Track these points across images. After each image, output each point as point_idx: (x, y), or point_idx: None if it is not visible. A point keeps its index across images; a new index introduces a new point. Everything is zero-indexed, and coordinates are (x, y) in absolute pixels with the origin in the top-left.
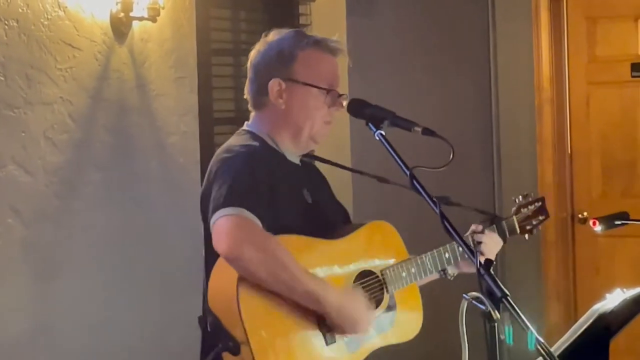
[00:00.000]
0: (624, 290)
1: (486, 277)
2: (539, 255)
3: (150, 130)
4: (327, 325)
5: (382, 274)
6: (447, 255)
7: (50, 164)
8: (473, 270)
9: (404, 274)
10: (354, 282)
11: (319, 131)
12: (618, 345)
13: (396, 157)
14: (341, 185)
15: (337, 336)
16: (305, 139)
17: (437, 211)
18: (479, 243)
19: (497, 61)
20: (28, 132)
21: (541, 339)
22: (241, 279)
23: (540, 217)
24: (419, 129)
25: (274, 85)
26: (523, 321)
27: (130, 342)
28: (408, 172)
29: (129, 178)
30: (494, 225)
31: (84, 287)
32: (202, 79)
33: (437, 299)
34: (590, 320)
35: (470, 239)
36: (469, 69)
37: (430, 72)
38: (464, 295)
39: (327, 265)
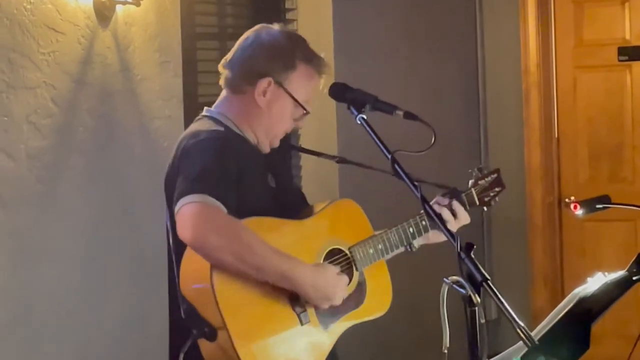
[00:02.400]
0: (606, 273)
1: (467, 260)
2: (526, 239)
3: (134, 114)
4: (300, 304)
5: (350, 252)
6: (411, 230)
7: (33, 149)
8: (440, 239)
9: (371, 251)
10: (324, 260)
11: (278, 137)
12: (606, 329)
13: (377, 141)
14: (327, 173)
15: (311, 315)
16: (267, 140)
17: (418, 195)
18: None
19: (484, 45)
20: (11, 116)
21: (521, 323)
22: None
23: (497, 189)
24: (401, 113)
25: (264, 82)
26: (503, 305)
27: (110, 327)
28: (389, 156)
29: (113, 163)
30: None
31: (66, 272)
32: (187, 63)
33: (419, 284)
34: (571, 305)
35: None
36: (456, 53)
37: (417, 56)
38: (445, 279)
39: (295, 245)
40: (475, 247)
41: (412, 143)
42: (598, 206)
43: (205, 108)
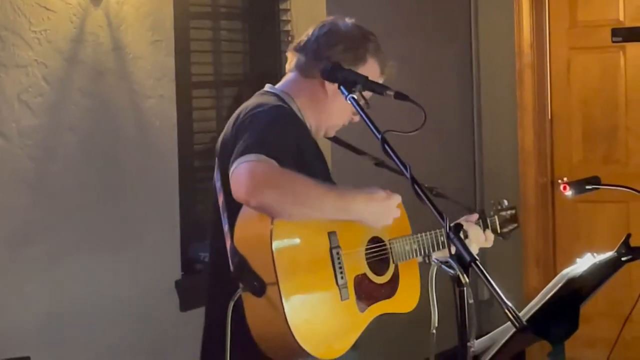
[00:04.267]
0: (595, 254)
1: (455, 241)
2: (519, 221)
3: (126, 93)
4: (342, 277)
5: (390, 244)
6: (441, 238)
7: (25, 127)
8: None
9: (407, 248)
10: (366, 245)
11: (334, 128)
12: (597, 309)
13: (368, 121)
14: None
15: (350, 294)
16: (323, 129)
17: (407, 175)
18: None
19: (478, 25)
20: (2, 95)
21: (509, 303)
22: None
23: (514, 224)
24: (392, 93)
25: None
26: (491, 285)
27: (105, 303)
28: (379, 136)
29: (105, 141)
30: (481, 221)
31: (59, 251)
32: (180, 42)
33: None
34: (560, 285)
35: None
36: (450, 34)
37: (411, 36)
38: (434, 259)
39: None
40: (464, 227)
41: (404, 124)
42: (587, 187)
43: (268, 85)
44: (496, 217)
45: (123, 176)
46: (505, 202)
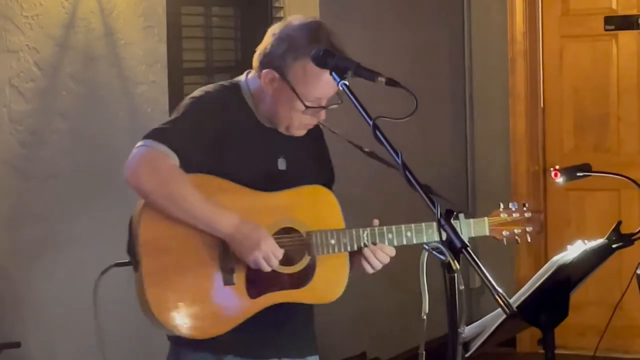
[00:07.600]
0: (585, 241)
1: (446, 227)
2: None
3: (117, 79)
4: (230, 263)
5: (307, 235)
6: (389, 235)
7: (16, 113)
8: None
9: (332, 241)
10: (274, 235)
11: (295, 128)
12: (588, 297)
13: (360, 107)
14: None
15: (238, 279)
16: (278, 125)
17: (399, 161)
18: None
19: (471, 13)
20: None
21: (500, 290)
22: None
23: (528, 228)
24: (383, 79)
25: (268, 74)
26: (482, 271)
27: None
28: (371, 122)
29: (96, 127)
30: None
31: (49, 235)
32: (172, 28)
33: (400, 249)
34: (550, 272)
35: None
36: (443, 21)
37: (404, 23)
38: (425, 245)
39: (247, 212)
40: (455, 213)
41: (396, 111)
42: (578, 174)
43: (247, 72)
44: (485, 219)
45: (114, 162)
46: (512, 206)
